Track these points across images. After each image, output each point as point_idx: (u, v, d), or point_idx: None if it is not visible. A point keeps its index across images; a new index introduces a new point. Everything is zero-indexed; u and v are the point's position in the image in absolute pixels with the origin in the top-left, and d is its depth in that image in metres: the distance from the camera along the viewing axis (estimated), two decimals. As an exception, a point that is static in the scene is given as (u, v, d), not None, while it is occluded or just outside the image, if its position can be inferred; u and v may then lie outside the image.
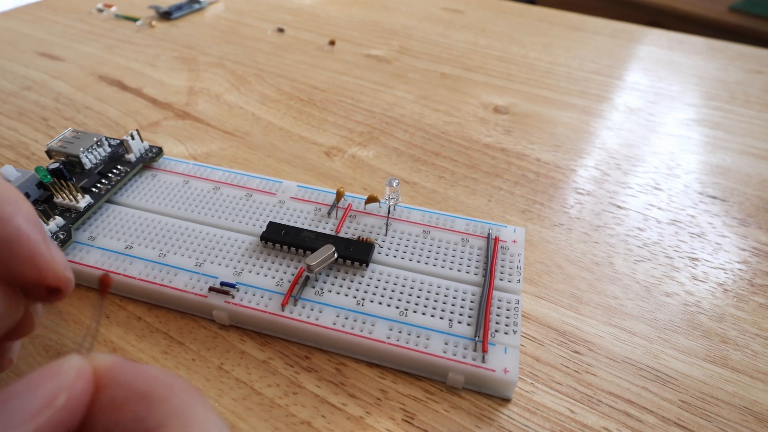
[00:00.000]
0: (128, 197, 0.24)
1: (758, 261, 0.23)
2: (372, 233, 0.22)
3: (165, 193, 0.24)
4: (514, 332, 0.18)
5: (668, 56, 0.43)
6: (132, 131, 0.25)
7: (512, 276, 0.20)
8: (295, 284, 0.20)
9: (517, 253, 0.21)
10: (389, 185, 0.22)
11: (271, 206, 0.24)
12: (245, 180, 0.25)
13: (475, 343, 0.18)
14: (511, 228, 0.22)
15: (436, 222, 0.23)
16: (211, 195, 0.24)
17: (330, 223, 0.23)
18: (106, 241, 0.21)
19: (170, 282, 0.20)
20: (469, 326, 0.18)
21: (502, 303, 0.19)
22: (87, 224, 0.22)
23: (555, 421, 0.17)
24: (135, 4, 0.48)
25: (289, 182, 0.25)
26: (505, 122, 0.33)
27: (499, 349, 0.18)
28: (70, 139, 0.25)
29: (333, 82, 0.37)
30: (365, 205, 0.23)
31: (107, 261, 0.21)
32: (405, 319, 0.19)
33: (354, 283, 0.20)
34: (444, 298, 0.19)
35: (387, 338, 0.18)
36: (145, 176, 0.25)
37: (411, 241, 0.22)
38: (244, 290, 0.19)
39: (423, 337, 0.18)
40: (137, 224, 0.22)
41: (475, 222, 0.23)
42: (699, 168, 0.29)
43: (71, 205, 0.22)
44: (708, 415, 0.17)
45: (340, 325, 0.18)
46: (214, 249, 0.21)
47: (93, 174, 0.24)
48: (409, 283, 0.20)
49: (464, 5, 0.52)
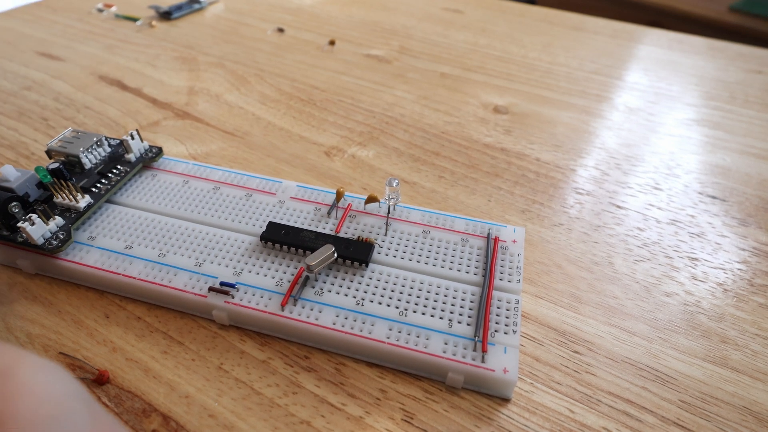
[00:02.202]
0: (128, 197, 0.24)
1: (758, 261, 0.23)
2: (372, 233, 0.22)
3: (165, 193, 0.24)
4: (514, 332, 0.18)
5: (668, 56, 0.43)
6: (132, 131, 0.25)
7: (512, 276, 0.20)
8: (294, 284, 0.20)
9: (517, 253, 0.21)
10: (389, 185, 0.22)
11: (271, 206, 0.23)
12: (245, 180, 0.25)
13: (474, 343, 0.18)
14: (510, 228, 0.22)
15: (436, 222, 0.23)
16: (210, 195, 0.24)
17: (330, 223, 0.23)
18: (105, 240, 0.21)
19: (170, 282, 0.20)
20: (468, 326, 0.18)
21: (502, 303, 0.19)
22: (87, 224, 0.22)
23: (554, 420, 0.17)
24: (135, 4, 0.48)
25: (288, 182, 0.25)
26: (504, 122, 0.33)
27: (499, 349, 0.18)
28: (69, 139, 0.25)
29: (333, 82, 0.37)
30: (365, 205, 0.23)
31: (107, 261, 0.21)
32: (405, 319, 0.19)
33: (354, 283, 0.20)
34: (444, 298, 0.19)
35: (387, 338, 0.18)
36: (145, 176, 0.25)
37: (411, 241, 0.22)
38: (243, 290, 0.19)
39: (423, 337, 0.18)
40: (137, 224, 0.22)
41: (474, 222, 0.23)
42: (699, 168, 0.29)
43: (71, 205, 0.22)
44: (707, 415, 0.17)
45: (339, 325, 0.18)
46: (214, 249, 0.21)
47: (93, 174, 0.24)
48: (409, 283, 0.20)
49: (464, 5, 0.52)
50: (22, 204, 0.21)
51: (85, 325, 0.20)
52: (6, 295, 0.21)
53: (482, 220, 0.23)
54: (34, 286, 0.21)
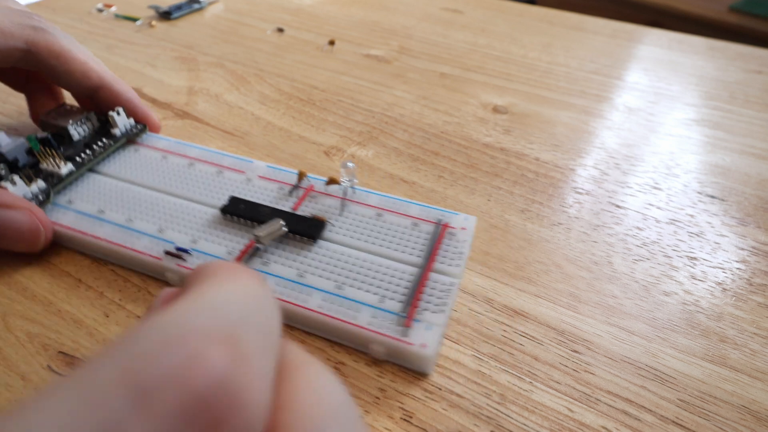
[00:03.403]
0: (109, 168, 0.26)
1: (757, 260, 0.23)
2: (327, 213, 0.23)
3: (143, 166, 0.26)
4: (443, 311, 0.18)
5: (668, 56, 0.43)
6: (118, 108, 0.26)
7: (453, 261, 0.21)
8: (244, 254, 0.21)
9: (464, 240, 0.21)
10: (344, 167, 0.23)
11: (238, 183, 0.25)
12: (219, 158, 0.26)
13: (400, 318, 0.18)
14: (462, 216, 0.22)
15: (392, 206, 0.23)
16: (185, 170, 0.25)
17: (290, 201, 0.24)
18: (82, 204, 0.23)
19: (132, 245, 0.21)
20: (400, 303, 0.19)
21: (437, 285, 0.20)
22: (68, 189, 0.24)
23: (553, 420, 0.17)
24: (134, 4, 0.48)
25: (259, 162, 0.26)
26: (504, 122, 0.33)
27: (423, 326, 0.18)
28: (62, 113, 0.27)
29: (332, 82, 0.37)
30: (326, 186, 0.24)
31: (80, 222, 0.22)
32: (340, 293, 0.19)
33: (300, 257, 0.21)
34: (382, 276, 0.20)
35: (318, 308, 0.19)
36: (129, 150, 0.27)
37: (363, 223, 0.22)
38: (197, 256, 0.21)
39: (353, 309, 0.19)
40: (112, 192, 0.24)
41: (429, 209, 0.23)
42: (698, 167, 0.29)
43: (54, 171, 0.24)
44: (706, 414, 0.17)
45: (278, 293, 0.19)
46: (177, 218, 0.23)
47: (80, 145, 0.26)
48: (352, 260, 0.21)
49: (464, 5, 0.52)
50: (10, 167, 0.23)
51: (85, 324, 0.20)
52: (5, 294, 0.21)
53: (437, 207, 0.23)
54: (27, 277, 0.21)
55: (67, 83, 0.26)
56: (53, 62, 0.25)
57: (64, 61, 0.25)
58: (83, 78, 0.26)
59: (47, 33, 0.25)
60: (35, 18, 0.25)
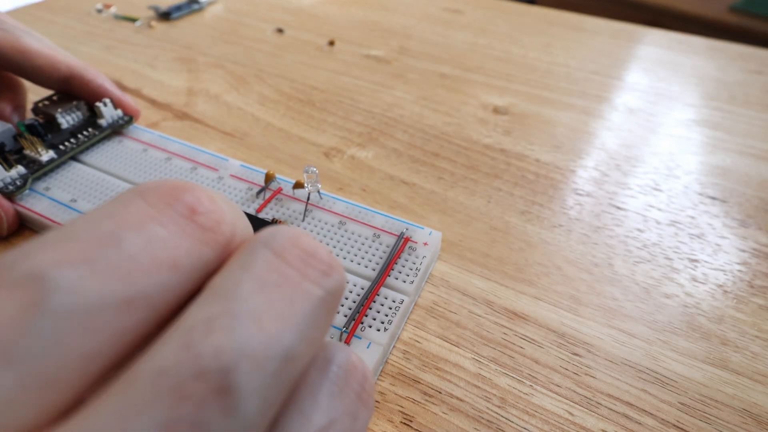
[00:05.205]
0: (91, 158, 0.26)
1: (758, 262, 0.23)
2: (290, 218, 0.23)
3: (123, 157, 0.26)
4: (386, 330, 0.18)
5: (668, 56, 0.43)
6: (105, 99, 0.27)
7: (408, 277, 0.20)
8: None
9: (423, 256, 0.21)
10: (306, 172, 0.22)
11: (210, 181, 0.25)
12: (196, 154, 0.26)
13: (341, 333, 0.18)
14: (427, 230, 0.22)
15: (357, 215, 0.23)
16: (161, 164, 0.26)
17: (255, 203, 0.23)
18: (58, 193, 0.24)
19: None
20: (345, 317, 0.18)
21: (387, 301, 0.19)
22: (48, 177, 0.25)
23: (554, 423, 0.17)
24: (134, 5, 0.48)
25: (234, 161, 0.26)
26: (504, 123, 0.33)
27: (363, 343, 0.18)
28: (54, 101, 0.28)
29: (332, 83, 0.37)
30: (293, 190, 0.24)
31: (52, 210, 0.23)
32: None
33: None
34: None
35: None
36: (113, 141, 0.27)
37: (324, 230, 0.22)
38: None
39: None
40: (89, 182, 0.25)
41: (393, 220, 0.22)
42: (699, 169, 0.29)
43: (35, 157, 0.24)
44: (707, 418, 0.17)
45: None
46: None
47: (66, 134, 0.26)
48: None
49: (464, 5, 0.52)
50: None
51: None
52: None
53: (403, 219, 0.23)
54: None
55: (37, 78, 0.26)
56: (19, 59, 0.25)
57: (29, 57, 0.25)
58: (52, 70, 0.26)
59: (7, 32, 0.25)
60: None
